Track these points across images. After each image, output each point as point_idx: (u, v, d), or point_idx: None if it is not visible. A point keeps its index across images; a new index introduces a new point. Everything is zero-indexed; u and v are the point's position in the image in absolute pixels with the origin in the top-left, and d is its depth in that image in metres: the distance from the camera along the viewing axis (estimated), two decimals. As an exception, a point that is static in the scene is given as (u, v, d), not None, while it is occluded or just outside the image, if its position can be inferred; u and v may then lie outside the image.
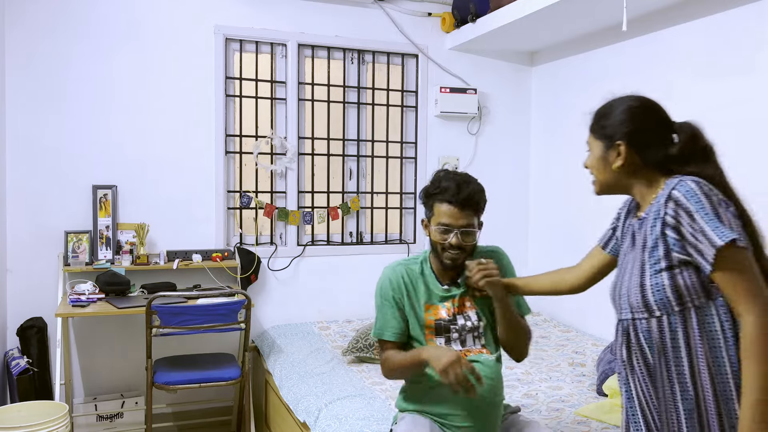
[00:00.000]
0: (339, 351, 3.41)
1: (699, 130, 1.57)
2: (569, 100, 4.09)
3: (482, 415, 2.00)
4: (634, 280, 1.51)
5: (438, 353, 1.86)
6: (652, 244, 1.48)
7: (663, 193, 1.47)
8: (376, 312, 2.09)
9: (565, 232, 4.11)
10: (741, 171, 2.91)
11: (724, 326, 1.41)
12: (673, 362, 1.45)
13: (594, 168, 1.62)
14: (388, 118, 4.23)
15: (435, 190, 1.99)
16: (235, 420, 3.64)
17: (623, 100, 1.59)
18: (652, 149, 1.54)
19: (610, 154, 1.57)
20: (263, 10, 3.86)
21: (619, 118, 1.56)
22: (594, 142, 1.62)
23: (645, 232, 1.51)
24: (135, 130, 3.63)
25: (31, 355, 3.26)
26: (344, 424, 2.46)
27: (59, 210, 3.49)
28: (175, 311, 3.01)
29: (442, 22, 4.24)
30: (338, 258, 4.10)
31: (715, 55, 3.07)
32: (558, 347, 3.48)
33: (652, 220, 1.48)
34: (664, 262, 1.44)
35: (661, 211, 1.45)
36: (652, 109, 1.58)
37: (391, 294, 2.05)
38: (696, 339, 1.43)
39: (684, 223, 1.40)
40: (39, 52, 3.43)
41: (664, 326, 1.46)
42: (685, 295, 1.43)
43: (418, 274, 2.08)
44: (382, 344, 2.07)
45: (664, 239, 1.44)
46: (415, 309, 2.05)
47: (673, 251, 1.43)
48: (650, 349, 1.49)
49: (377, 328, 2.07)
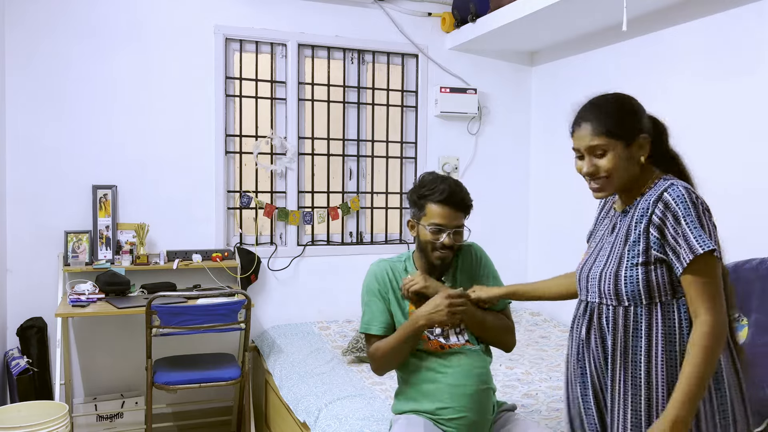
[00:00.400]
0: (339, 351, 3.41)
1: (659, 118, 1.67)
2: (569, 100, 4.03)
3: (474, 405, 2.03)
4: (609, 269, 1.60)
5: (429, 309, 1.97)
6: (633, 239, 1.56)
7: (653, 193, 1.55)
8: (363, 307, 2.15)
9: (565, 232, 4.11)
10: (740, 170, 2.92)
11: (682, 324, 1.52)
12: (630, 348, 1.56)
13: (617, 168, 1.59)
14: (388, 118, 4.23)
15: (429, 191, 2.05)
16: (235, 420, 3.64)
17: (617, 98, 1.65)
18: (656, 137, 1.63)
19: (632, 149, 1.59)
20: (263, 10, 3.86)
21: (633, 114, 1.62)
22: (611, 143, 1.59)
23: (629, 225, 1.59)
24: (135, 130, 3.63)
25: (31, 355, 3.26)
26: (344, 424, 2.46)
27: (59, 210, 3.49)
28: (175, 311, 3.01)
29: (442, 22, 4.24)
30: (338, 258, 4.10)
31: (714, 55, 3.07)
32: (558, 347, 3.48)
33: (639, 216, 1.56)
34: (642, 257, 1.53)
35: (649, 209, 1.53)
36: (637, 102, 1.66)
37: (377, 288, 2.12)
38: (656, 331, 1.53)
39: (669, 225, 1.49)
40: (39, 52, 3.43)
41: (630, 315, 1.56)
42: (654, 290, 1.53)
43: (401, 270, 2.16)
44: (369, 338, 2.12)
45: (647, 236, 1.53)
46: (400, 303, 2.11)
47: (652, 249, 1.52)
48: (611, 333, 1.59)
49: (364, 323, 2.13)
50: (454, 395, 2.02)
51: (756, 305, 2.41)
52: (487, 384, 2.09)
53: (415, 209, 2.10)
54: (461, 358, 2.06)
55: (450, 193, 2.03)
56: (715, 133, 3.05)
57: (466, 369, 2.04)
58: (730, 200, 2.83)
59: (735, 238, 1.87)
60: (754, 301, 2.42)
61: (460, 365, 2.05)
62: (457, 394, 2.02)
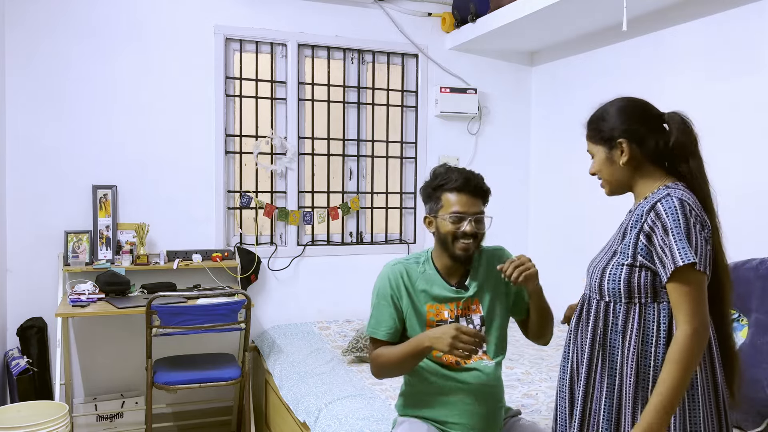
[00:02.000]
0: (339, 351, 3.41)
1: (686, 118, 1.68)
2: (569, 100, 4.09)
3: (484, 424, 2.00)
4: (600, 263, 1.68)
5: (436, 334, 1.85)
6: (626, 241, 1.62)
7: (649, 200, 1.61)
8: (372, 309, 2.06)
9: (565, 233, 4.11)
10: (740, 170, 2.92)
11: (660, 327, 1.57)
12: (609, 343, 1.63)
13: (602, 171, 1.73)
14: (388, 118, 4.23)
15: (444, 181, 1.99)
16: (235, 420, 3.64)
17: (612, 103, 1.72)
18: (649, 141, 1.66)
19: (614, 153, 1.68)
20: (263, 10, 3.86)
21: (615, 119, 1.69)
22: (596, 147, 1.73)
23: (626, 227, 1.65)
24: (135, 130, 3.63)
25: (31, 355, 3.27)
26: (344, 424, 2.46)
27: (59, 210, 3.49)
28: (175, 311, 3.01)
29: (442, 22, 4.24)
30: (338, 258, 4.10)
31: (715, 55, 3.07)
32: (558, 347, 3.48)
33: (634, 221, 1.62)
34: (630, 259, 1.60)
35: (643, 217, 1.59)
36: (641, 105, 1.71)
37: (390, 293, 2.02)
38: (631, 329, 1.59)
39: (657, 235, 1.55)
40: (39, 52, 3.44)
41: (609, 311, 1.64)
42: (634, 292, 1.59)
43: (419, 273, 2.05)
44: (374, 342, 2.04)
45: (636, 242, 1.59)
46: (417, 307, 2.01)
47: (639, 254, 1.58)
48: (593, 326, 1.67)
49: (371, 326, 2.04)
50: (464, 412, 1.98)
51: (756, 305, 2.41)
52: (499, 402, 2.05)
53: (431, 203, 2.02)
54: (476, 375, 1.99)
55: (465, 179, 1.97)
56: (716, 133, 3.05)
57: (480, 388, 1.99)
58: (730, 200, 2.82)
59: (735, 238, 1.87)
60: (754, 301, 2.42)
61: (474, 383, 1.99)
62: (468, 411, 1.97)
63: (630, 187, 1.71)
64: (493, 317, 2.06)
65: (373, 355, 2.03)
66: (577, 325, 1.73)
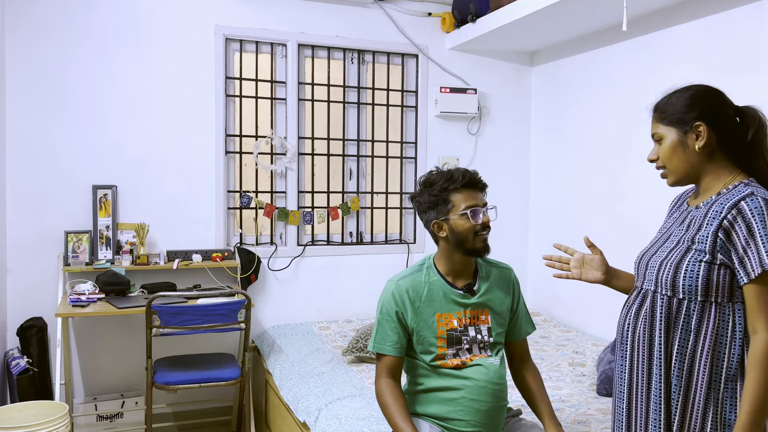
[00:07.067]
0: (339, 351, 3.41)
1: (762, 113, 1.62)
2: (569, 100, 4.08)
3: (488, 421, 2.00)
4: (672, 259, 1.59)
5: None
6: (701, 238, 1.54)
7: (730, 197, 1.53)
8: (376, 325, 2.05)
9: (566, 233, 4.10)
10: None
11: (736, 328, 1.51)
12: (677, 341, 1.56)
13: (670, 157, 1.63)
14: (388, 118, 4.23)
15: (447, 182, 2.00)
16: (235, 420, 3.64)
17: (688, 87, 1.64)
18: (726, 129, 1.59)
19: (688, 137, 1.60)
20: (263, 10, 3.86)
21: (693, 101, 1.60)
22: (666, 129, 1.63)
23: (700, 221, 1.57)
24: (135, 130, 3.63)
25: (31, 355, 3.27)
26: (344, 424, 2.46)
27: (59, 210, 3.49)
28: (175, 311, 3.01)
29: (442, 22, 4.24)
30: (338, 258, 4.10)
31: (715, 55, 3.07)
32: (558, 347, 3.48)
33: (711, 217, 1.54)
34: (708, 256, 1.53)
35: (723, 213, 1.52)
36: (719, 93, 1.63)
37: (395, 309, 2.01)
38: (706, 329, 1.53)
39: (740, 233, 1.49)
40: (39, 52, 3.44)
41: (682, 309, 1.56)
42: (712, 289, 1.52)
43: (424, 283, 2.04)
44: (380, 357, 2.04)
45: (715, 239, 1.52)
46: (425, 320, 2.01)
47: (718, 252, 1.52)
48: (661, 323, 1.59)
49: (376, 342, 2.03)
50: (469, 409, 1.98)
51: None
52: (503, 400, 2.05)
53: (439, 207, 2.00)
54: (480, 371, 2.00)
55: (467, 176, 2.01)
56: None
57: (485, 384, 1.99)
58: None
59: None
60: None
61: (478, 379, 1.99)
62: (472, 408, 1.98)
63: (697, 178, 1.63)
64: (500, 332, 2.10)
65: (377, 390, 2.02)
66: (636, 321, 1.65)
